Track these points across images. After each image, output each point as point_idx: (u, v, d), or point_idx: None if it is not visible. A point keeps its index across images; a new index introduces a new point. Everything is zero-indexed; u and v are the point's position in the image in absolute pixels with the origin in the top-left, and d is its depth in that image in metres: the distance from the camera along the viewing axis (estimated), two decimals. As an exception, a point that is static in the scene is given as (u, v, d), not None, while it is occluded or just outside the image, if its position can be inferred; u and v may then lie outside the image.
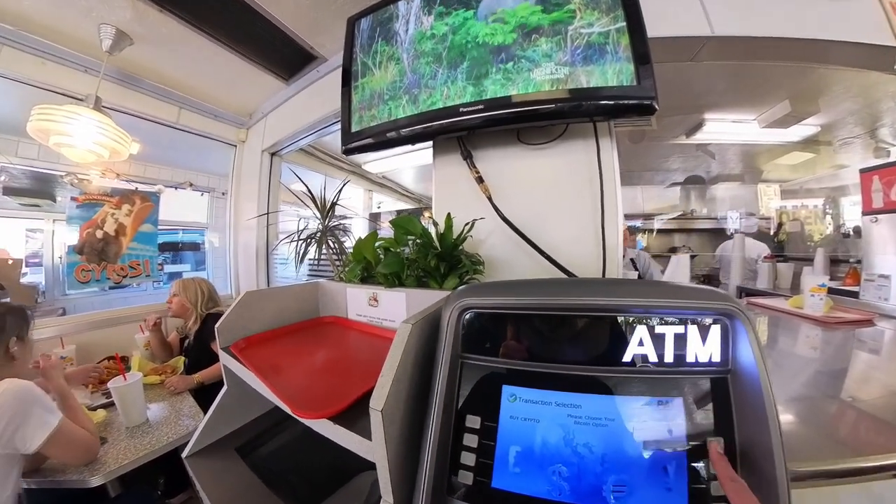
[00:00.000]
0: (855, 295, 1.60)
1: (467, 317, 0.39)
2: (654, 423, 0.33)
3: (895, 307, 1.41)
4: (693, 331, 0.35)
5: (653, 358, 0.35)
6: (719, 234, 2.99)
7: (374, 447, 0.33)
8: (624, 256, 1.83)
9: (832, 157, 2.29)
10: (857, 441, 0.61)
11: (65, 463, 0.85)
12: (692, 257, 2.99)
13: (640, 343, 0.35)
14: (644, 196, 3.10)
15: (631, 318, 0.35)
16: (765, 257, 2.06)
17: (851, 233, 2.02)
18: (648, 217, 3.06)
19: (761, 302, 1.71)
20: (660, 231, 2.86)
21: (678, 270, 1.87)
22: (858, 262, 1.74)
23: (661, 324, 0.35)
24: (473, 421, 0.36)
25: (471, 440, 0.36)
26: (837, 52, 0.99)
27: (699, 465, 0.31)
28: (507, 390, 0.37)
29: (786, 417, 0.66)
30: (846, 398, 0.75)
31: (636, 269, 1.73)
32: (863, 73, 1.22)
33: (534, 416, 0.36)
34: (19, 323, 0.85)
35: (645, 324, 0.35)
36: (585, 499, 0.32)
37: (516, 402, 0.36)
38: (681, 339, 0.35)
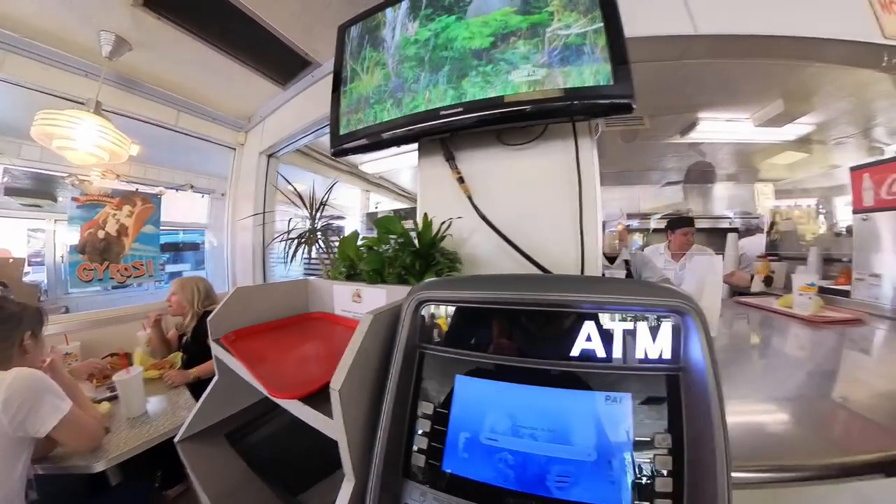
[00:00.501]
0: (848, 294, 1.60)
1: (425, 309, 0.41)
2: (601, 417, 0.34)
3: (886, 306, 1.41)
4: (643, 327, 0.34)
5: (602, 353, 0.35)
6: (718, 233, 2.98)
7: (334, 425, 0.36)
8: (615, 259, 1.80)
9: (826, 157, 2.27)
10: (838, 440, 0.61)
11: (72, 448, 0.90)
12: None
13: (589, 338, 0.36)
14: (641, 195, 3.10)
15: (583, 313, 0.36)
16: (758, 256, 2.06)
17: (844, 232, 2.01)
18: (645, 216, 3.06)
19: (750, 301, 1.71)
20: (656, 230, 2.86)
21: (709, 279, 1.13)
22: (851, 260, 1.73)
23: (612, 320, 0.35)
24: (427, 407, 0.38)
25: (424, 425, 0.38)
26: (825, 50, 0.99)
27: (645, 460, 0.31)
28: (459, 380, 0.39)
29: (770, 417, 0.67)
30: (825, 396, 0.76)
31: (628, 269, 1.69)
32: (854, 72, 1.22)
33: (484, 404, 0.37)
34: (34, 320, 0.92)
35: (595, 319, 0.36)
36: (529, 487, 0.33)
37: (468, 392, 0.38)
38: (631, 336, 0.35)
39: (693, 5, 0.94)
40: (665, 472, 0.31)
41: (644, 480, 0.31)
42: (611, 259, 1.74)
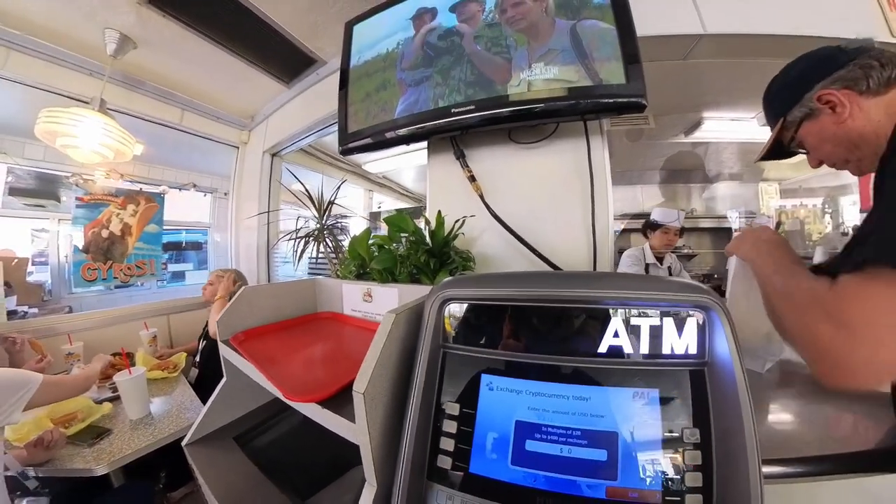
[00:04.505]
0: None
1: (449, 308, 0.40)
2: (630, 413, 0.34)
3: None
4: (669, 323, 0.35)
5: (629, 349, 0.35)
6: (720, 233, 2.98)
7: (356, 430, 0.35)
8: (661, 261, 1.79)
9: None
10: (844, 437, 0.61)
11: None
12: (691, 257, 2.98)
13: (616, 334, 0.36)
14: (644, 195, 3.10)
15: (608, 310, 0.36)
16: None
17: (850, 231, 2.01)
18: (648, 216, 3.06)
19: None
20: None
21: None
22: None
23: (638, 315, 0.35)
24: (453, 408, 0.37)
25: (450, 426, 0.37)
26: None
27: (674, 455, 0.32)
28: (485, 379, 0.38)
29: (773, 417, 0.66)
30: (831, 394, 0.76)
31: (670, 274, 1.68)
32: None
33: (511, 404, 0.37)
34: None
35: (622, 315, 0.36)
36: (560, 486, 0.33)
37: (494, 391, 0.38)
38: (657, 331, 0.35)
39: (702, 5, 0.93)
40: (694, 467, 0.31)
41: (674, 475, 0.31)
42: (659, 259, 1.78)
